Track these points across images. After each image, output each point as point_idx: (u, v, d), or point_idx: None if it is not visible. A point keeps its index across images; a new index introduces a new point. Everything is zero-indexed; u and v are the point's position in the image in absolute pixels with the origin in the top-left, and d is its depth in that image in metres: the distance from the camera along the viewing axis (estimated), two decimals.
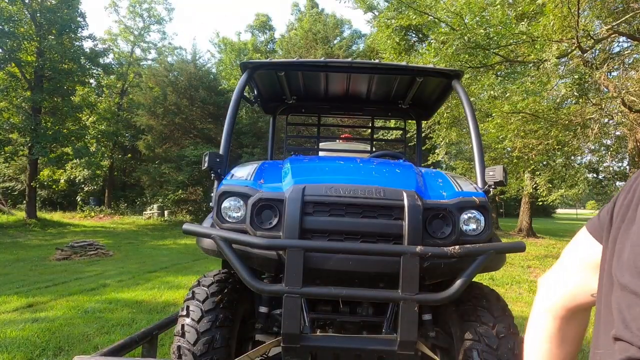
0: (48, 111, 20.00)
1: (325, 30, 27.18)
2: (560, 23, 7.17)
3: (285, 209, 1.91)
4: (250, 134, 22.29)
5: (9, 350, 3.92)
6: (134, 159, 28.95)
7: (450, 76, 2.89)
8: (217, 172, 2.28)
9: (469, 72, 8.89)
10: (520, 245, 2.00)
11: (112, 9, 30.80)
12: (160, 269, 9.41)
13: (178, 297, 6.33)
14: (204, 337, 2.03)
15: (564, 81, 8.53)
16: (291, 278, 1.81)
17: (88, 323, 4.89)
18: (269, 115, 4.14)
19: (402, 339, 1.82)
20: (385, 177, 2.17)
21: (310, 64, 3.33)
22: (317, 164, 2.51)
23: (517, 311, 6.22)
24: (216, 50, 35.36)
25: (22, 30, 18.71)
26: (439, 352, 2.36)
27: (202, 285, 2.26)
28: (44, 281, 7.73)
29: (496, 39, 7.89)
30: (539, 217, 39.55)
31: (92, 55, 21.23)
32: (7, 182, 29.21)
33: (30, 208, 19.65)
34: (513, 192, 17.68)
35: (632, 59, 8.71)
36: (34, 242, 14.72)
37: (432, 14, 8.71)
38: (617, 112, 7.95)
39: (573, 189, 11.86)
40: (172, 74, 23.81)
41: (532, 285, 8.45)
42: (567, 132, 8.80)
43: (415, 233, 1.86)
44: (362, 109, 4.07)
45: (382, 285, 1.94)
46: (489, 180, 2.28)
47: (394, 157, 3.37)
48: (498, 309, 2.14)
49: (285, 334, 1.84)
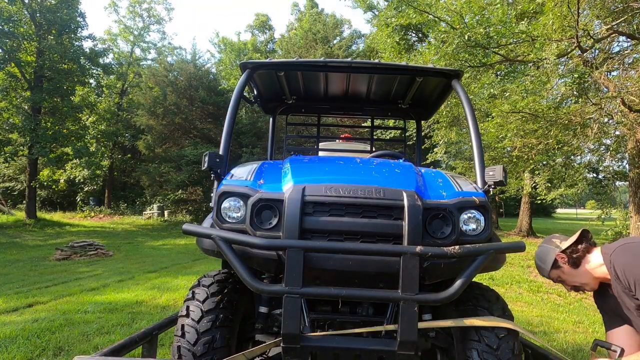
0: (48, 111, 20.00)
1: (325, 30, 27.19)
2: (559, 22, 7.17)
3: (285, 209, 1.90)
4: (250, 134, 22.29)
5: (9, 350, 3.92)
6: (134, 159, 28.96)
7: (450, 76, 2.89)
8: (216, 172, 2.27)
9: (469, 71, 8.89)
10: (520, 245, 2.00)
11: (112, 9, 30.85)
12: (160, 269, 9.41)
13: (178, 297, 6.33)
14: (204, 337, 2.03)
15: (563, 80, 8.52)
16: (291, 278, 1.81)
17: (88, 323, 4.90)
18: (269, 115, 4.14)
19: (402, 339, 1.82)
20: (385, 177, 2.17)
21: (310, 64, 3.33)
22: (317, 164, 2.51)
23: (517, 311, 6.23)
24: (216, 50, 35.44)
25: (22, 30, 18.71)
26: (439, 352, 2.36)
27: (202, 285, 2.26)
28: (44, 281, 7.73)
29: (496, 38, 7.89)
30: (539, 216, 39.55)
31: (91, 55, 21.23)
32: (7, 182, 29.21)
33: (30, 208, 19.65)
34: (513, 192, 17.68)
35: (632, 58, 8.70)
36: (33, 242, 14.72)
37: (432, 12, 8.71)
38: (616, 111, 7.94)
39: (572, 189, 11.87)
40: (172, 74, 23.81)
41: (532, 285, 8.46)
42: (567, 132, 8.79)
43: (415, 233, 1.86)
44: (362, 109, 4.07)
45: (382, 285, 1.94)
46: (488, 180, 2.28)
47: (393, 156, 3.37)
48: (498, 309, 2.14)
49: (285, 334, 1.84)
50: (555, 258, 2.20)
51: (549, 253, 2.24)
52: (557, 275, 2.24)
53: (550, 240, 2.30)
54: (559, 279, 2.25)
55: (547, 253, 2.25)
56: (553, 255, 2.21)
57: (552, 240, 2.29)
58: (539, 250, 2.32)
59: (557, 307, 6.98)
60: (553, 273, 2.24)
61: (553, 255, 2.21)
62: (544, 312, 6.50)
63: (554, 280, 2.28)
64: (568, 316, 6.29)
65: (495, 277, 8.80)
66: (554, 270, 2.23)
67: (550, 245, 2.26)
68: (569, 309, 6.82)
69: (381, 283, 1.94)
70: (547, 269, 2.24)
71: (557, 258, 2.20)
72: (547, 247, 2.28)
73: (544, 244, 2.32)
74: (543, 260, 2.27)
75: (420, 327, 1.91)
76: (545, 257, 2.25)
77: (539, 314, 6.31)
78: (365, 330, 2.09)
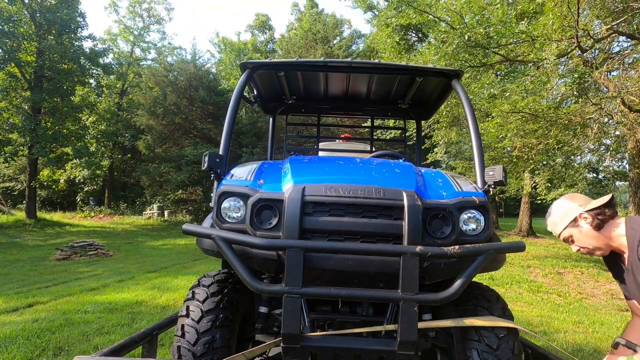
0: (48, 111, 20.01)
1: (325, 30, 27.20)
2: (559, 22, 7.17)
3: (285, 209, 1.90)
4: (250, 134, 22.30)
5: (9, 350, 3.92)
6: (134, 159, 28.97)
7: (450, 76, 2.88)
8: (216, 172, 2.27)
9: (469, 71, 8.89)
10: (520, 245, 1.99)
11: (112, 9, 30.87)
12: (160, 269, 9.41)
13: (178, 297, 6.33)
14: (204, 337, 2.03)
15: (563, 80, 8.53)
16: (291, 278, 1.81)
17: (88, 323, 4.90)
18: (269, 115, 4.14)
19: (402, 339, 1.82)
20: (385, 177, 2.17)
21: (310, 64, 3.33)
22: (316, 164, 2.51)
23: (517, 311, 6.23)
24: (216, 50, 35.47)
25: (22, 30, 18.72)
26: (439, 352, 2.36)
27: (202, 285, 2.26)
28: (44, 281, 7.73)
29: (496, 38, 7.90)
30: (539, 216, 39.50)
31: (91, 55, 21.24)
32: (7, 182, 29.22)
33: (30, 208, 19.66)
34: (513, 192, 17.68)
35: (632, 58, 8.71)
36: (33, 242, 14.72)
37: (432, 12, 8.71)
38: (616, 111, 7.95)
39: (572, 189, 11.87)
40: (172, 74, 23.82)
41: (531, 285, 8.46)
42: (567, 132, 8.80)
43: (415, 233, 1.86)
44: (362, 109, 4.07)
45: (381, 285, 1.94)
46: (488, 180, 2.27)
47: (393, 156, 3.37)
48: (498, 309, 2.14)
49: (285, 334, 1.84)
50: (576, 216, 2.12)
51: (570, 210, 2.14)
52: (571, 234, 2.15)
53: (573, 197, 2.21)
54: (570, 238, 2.16)
55: (568, 209, 2.15)
56: (575, 212, 2.12)
57: (575, 197, 2.20)
58: (558, 204, 2.21)
59: (557, 307, 6.99)
60: (567, 231, 2.15)
61: (575, 212, 2.12)
62: (544, 312, 6.51)
63: (563, 238, 2.19)
64: (568, 316, 6.29)
65: (495, 277, 8.80)
66: (570, 229, 2.14)
67: (574, 202, 2.17)
68: (569, 309, 6.83)
69: (381, 283, 1.94)
70: (563, 225, 2.15)
71: (578, 216, 2.11)
72: (568, 203, 2.17)
73: (566, 199, 2.21)
74: (560, 216, 2.16)
75: (420, 327, 1.91)
76: (565, 213, 2.15)
77: (539, 314, 6.31)
78: (365, 330, 2.09)
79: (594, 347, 4.75)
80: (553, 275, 9.54)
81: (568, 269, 10.29)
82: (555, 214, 2.19)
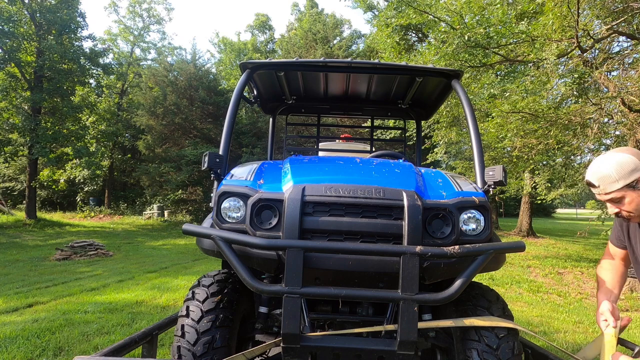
0: (48, 111, 20.00)
1: (325, 30, 27.18)
2: (559, 22, 7.17)
3: (285, 209, 1.90)
4: (250, 134, 22.30)
5: (9, 351, 3.92)
6: (134, 159, 28.94)
7: (449, 76, 2.89)
8: (216, 172, 2.28)
9: (469, 71, 8.89)
10: (520, 245, 1.99)
11: (112, 9, 30.86)
12: (160, 269, 9.41)
13: (178, 297, 6.33)
14: (204, 337, 2.03)
15: (563, 80, 8.53)
16: (291, 278, 1.81)
17: (88, 323, 4.90)
18: (269, 115, 4.14)
19: (402, 339, 1.82)
20: (385, 177, 2.17)
21: (310, 64, 3.32)
22: (316, 164, 2.51)
23: (517, 311, 6.23)
24: (216, 50, 35.49)
25: (22, 30, 18.71)
26: (439, 352, 2.36)
27: (202, 285, 2.26)
28: (44, 281, 7.73)
29: (496, 38, 7.89)
30: (538, 216, 39.56)
31: (91, 55, 21.22)
32: (7, 182, 29.22)
33: (30, 208, 19.65)
34: (513, 192, 17.69)
35: (632, 58, 8.71)
36: (33, 242, 14.72)
37: (432, 13, 8.71)
38: (616, 111, 7.95)
39: (572, 189, 11.87)
40: (172, 74, 23.81)
41: (532, 285, 8.46)
42: (567, 132, 8.81)
43: (415, 233, 1.86)
44: (362, 109, 4.07)
45: (381, 285, 1.94)
46: (488, 180, 2.28)
47: (393, 156, 3.37)
48: (498, 309, 2.14)
49: (285, 334, 1.84)
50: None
51: (637, 169, 1.76)
52: (625, 195, 1.80)
53: (637, 153, 1.82)
54: (622, 198, 1.82)
55: (635, 167, 1.77)
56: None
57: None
58: (618, 158, 1.81)
59: (557, 307, 6.99)
60: (622, 191, 1.80)
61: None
62: (544, 312, 6.50)
63: (612, 197, 1.84)
64: (568, 316, 6.29)
65: (495, 277, 8.80)
66: (627, 190, 1.79)
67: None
68: (569, 309, 6.83)
69: (381, 283, 1.94)
70: (623, 183, 1.78)
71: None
72: (635, 160, 1.78)
73: (629, 154, 1.81)
74: (622, 172, 1.77)
75: (420, 327, 1.91)
76: (630, 170, 1.77)
77: (539, 314, 6.31)
78: (365, 330, 2.10)
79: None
80: (553, 275, 9.55)
81: (568, 269, 10.29)
82: (613, 168, 1.79)
